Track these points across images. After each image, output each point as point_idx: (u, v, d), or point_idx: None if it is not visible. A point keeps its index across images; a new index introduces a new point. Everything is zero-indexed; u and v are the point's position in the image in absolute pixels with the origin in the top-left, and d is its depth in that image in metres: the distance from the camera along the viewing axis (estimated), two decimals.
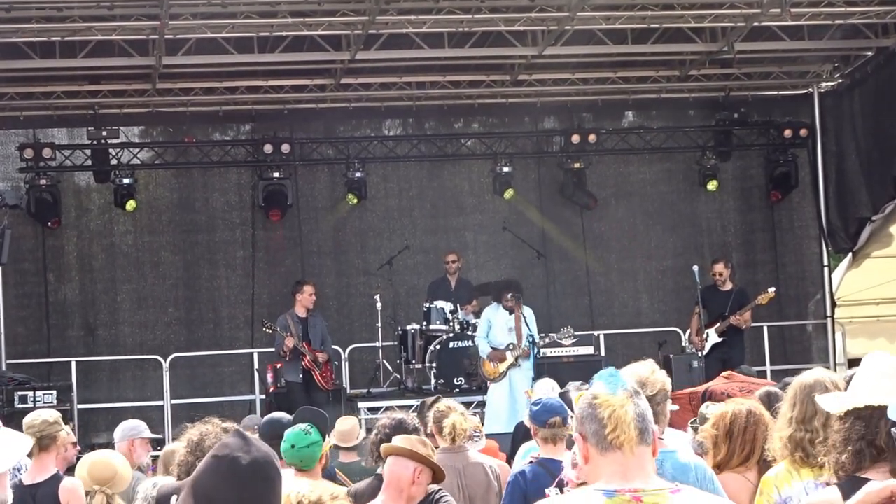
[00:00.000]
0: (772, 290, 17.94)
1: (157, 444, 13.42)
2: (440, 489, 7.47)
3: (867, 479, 4.21)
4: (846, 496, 4.20)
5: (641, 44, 18.20)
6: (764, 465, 6.72)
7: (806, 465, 5.72)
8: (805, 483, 5.55)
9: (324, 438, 7.78)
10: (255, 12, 16.50)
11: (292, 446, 7.56)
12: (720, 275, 18.14)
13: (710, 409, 7.70)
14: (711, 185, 20.88)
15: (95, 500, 7.84)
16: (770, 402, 7.47)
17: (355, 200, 20.19)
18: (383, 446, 7.33)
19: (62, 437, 8.86)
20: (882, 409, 4.25)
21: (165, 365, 18.96)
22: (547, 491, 7.52)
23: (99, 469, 7.99)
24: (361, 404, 17.95)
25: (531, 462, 8.03)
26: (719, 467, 6.62)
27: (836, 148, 20.38)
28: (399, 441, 6.97)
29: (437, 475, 6.87)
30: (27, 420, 8.86)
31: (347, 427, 8.50)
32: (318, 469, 7.71)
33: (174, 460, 7.64)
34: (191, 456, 6.80)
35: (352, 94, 19.96)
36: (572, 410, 8.70)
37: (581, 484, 5.15)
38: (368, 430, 9.63)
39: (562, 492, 6.92)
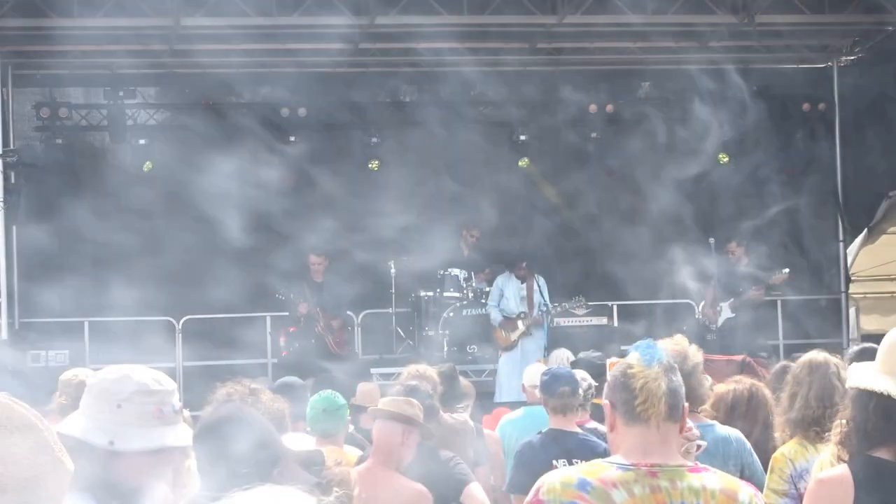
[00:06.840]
0: (786, 270, 17.87)
1: None
2: (454, 455, 7.45)
3: (879, 458, 4.18)
4: (857, 474, 4.17)
5: (661, 14, 18.10)
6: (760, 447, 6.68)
7: (819, 440, 5.71)
8: (820, 456, 5.55)
9: None
10: None
11: (324, 410, 7.42)
12: (733, 253, 18.06)
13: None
14: (722, 158, 20.80)
15: None
16: (784, 378, 7.43)
17: (377, 165, 20.10)
18: (370, 409, 7.23)
19: None
20: (876, 394, 4.19)
21: (178, 327, 18.96)
22: (555, 462, 7.51)
23: None
24: (374, 370, 17.94)
25: (540, 433, 8.02)
26: None
27: (854, 122, 20.29)
28: (385, 403, 6.90)
29: (423, 435, 6.83)
30: (63, 378, 8.53)
31: (368, 388, 8.52)
32: (343, 435, 7.60)
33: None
34: None
35: (370, 59, 19.89)
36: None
37: None
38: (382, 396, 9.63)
39: (570, 464, 6.90)
